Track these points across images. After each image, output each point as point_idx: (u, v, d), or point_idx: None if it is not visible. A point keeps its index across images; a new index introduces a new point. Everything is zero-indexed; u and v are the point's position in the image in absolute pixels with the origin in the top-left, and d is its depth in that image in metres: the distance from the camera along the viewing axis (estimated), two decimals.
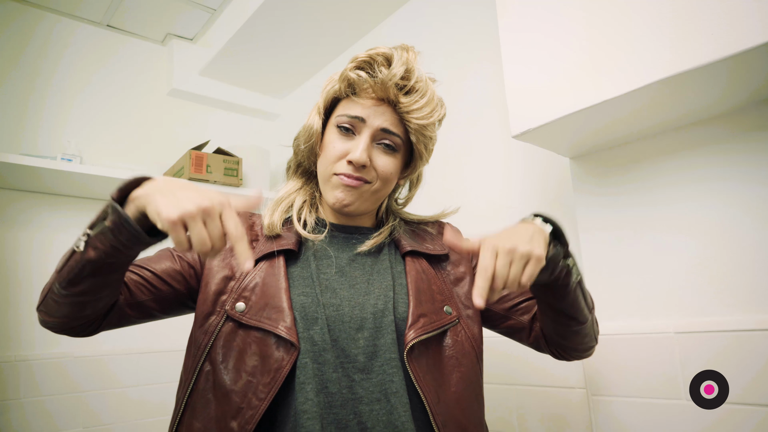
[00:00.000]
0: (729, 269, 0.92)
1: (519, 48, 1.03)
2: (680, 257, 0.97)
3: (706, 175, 0.96)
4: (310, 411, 0.75)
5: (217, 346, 0.80)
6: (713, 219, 0.94)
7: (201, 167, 1.81)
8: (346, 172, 0.85)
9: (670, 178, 1.00)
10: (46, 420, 1.63)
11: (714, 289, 0.93)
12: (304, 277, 0.84)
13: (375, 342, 0.80)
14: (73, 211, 1.84)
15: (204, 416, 0.78)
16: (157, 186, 0.66)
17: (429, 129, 0.88)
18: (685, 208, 0.98)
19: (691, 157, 0.98)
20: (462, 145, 1.53)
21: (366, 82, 0.84)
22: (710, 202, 0.95)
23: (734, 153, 0.93)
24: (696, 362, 0.91)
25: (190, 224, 0.61)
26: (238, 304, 0.81)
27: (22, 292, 1.69)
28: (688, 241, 0.97)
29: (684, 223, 0.97)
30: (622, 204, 1.07)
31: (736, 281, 0.91)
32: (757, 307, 0.88)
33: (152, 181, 0.68)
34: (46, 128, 1.83)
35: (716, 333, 0.90)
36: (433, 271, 0.92)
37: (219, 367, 0.79)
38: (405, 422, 0.76)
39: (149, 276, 0.85)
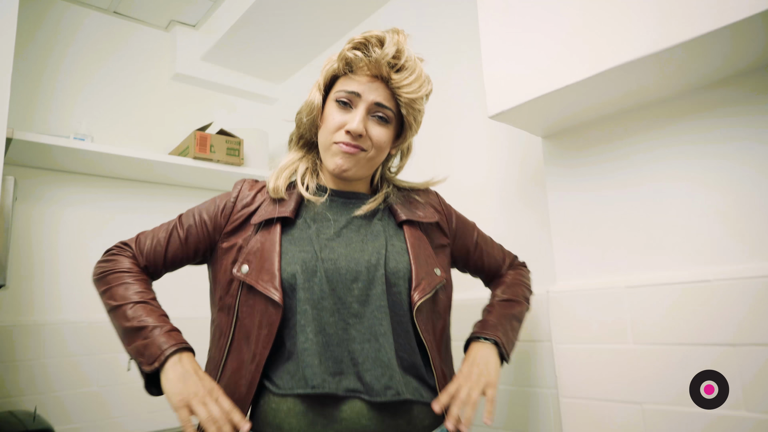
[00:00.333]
0: (673, 231, 1.05)
1: (496, 35, 1.16)
2: (635, 224, 1.11)
3: (664, 152, 1.08)
4: (310, 349, 0.88)
5: (242, 305, 0.95)
6: (664, 191, 1.08)
7: (205, 147, 1.93)
8: (345, 140, 0.97)
9: (634, 154, 1.13)
10: (62, 378, 1.77)
11: (660, 250, 1.07)
12: (304, 238, 0.97)
13: (368, 292, 0.94)
14: (81, 188, 1.95)
15: (237, 358, 0.94)
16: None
17: (417, 103, 1.00)
18: (644, 182, 1.11)
19: (652, 134, 1.11)
20: (442, 125, 1.66)
21: (362, 60, 0.95)
22: (663, 176, 1.08)
23: (687, 132, 1.06)
24: (644, 313, 1.05)
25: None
26: (243, 266, 0.95)
27: (35, 264, 1.81)
28: (642, 211, 1.10)
29: (640, 195, 1.11)
30: (589, 179, 1.21)
31: (680, 242, 1.04)
32: (697, 264, 1.01)
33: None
34: (57, 110, 1.94)
35: (663, 286, 1.04)
36: (425, 238, 1.05)
37: (245, 321, 0.94)
38: (390, 359, 0.90)
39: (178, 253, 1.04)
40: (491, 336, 1.04)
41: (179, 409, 0.84)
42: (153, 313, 0.92)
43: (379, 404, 0.89)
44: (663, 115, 1.09)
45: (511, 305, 1.14)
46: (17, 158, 1.76)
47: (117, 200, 2.02)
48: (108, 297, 0.96)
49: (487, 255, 1.19)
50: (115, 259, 1.00)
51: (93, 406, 1.82)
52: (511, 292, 1.16)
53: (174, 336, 0.90)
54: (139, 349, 0.89)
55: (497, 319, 1.09)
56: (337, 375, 0.89)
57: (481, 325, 1.08)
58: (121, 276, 0.97)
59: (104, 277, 0.98)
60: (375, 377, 0.88)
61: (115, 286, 0.96)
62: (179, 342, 0.89)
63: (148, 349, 0.88)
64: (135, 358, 0.90)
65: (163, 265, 1.03)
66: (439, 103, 1.60)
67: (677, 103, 1.07)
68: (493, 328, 1.06)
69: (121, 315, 0.93)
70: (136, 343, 0.90)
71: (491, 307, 1.13)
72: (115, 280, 0.96)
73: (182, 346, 0.89)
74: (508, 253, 1.24)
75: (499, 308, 1.12)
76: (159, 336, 0.89)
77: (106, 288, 0.96)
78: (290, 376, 0.90)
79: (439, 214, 1.11)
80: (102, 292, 0.98)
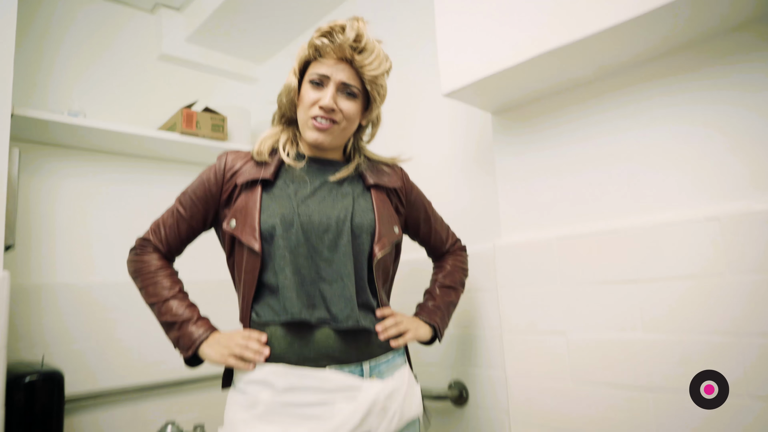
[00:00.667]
0: (594, 191, 1.26)
1: (450, 22, 1.34)
2: (566, 186, 1.32)
3: (600, 119, 1.28)
4: (289, 286, 1.08)
5: (236, 255, 1.16)
6: (589, 159, 1.28)
7: (191, 123, 2.09)
8: (320, 114, 1.15)
9: (571, 125, 1.33)
10: (63, 336, 1.94)
11: (584, 207, 1.28)
12: (284, 196, 1.16)
13: (336, 241, 1.13)
14: (76, 162, 2.09)
15: (246, 297, 1.14)
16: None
17: (379, 79, 1.18)
18: (581, 149, 1.31)
19: (582, 110, 1.31)
20: (405, 103, 1.85)
21: (328, 46, 1.13)
22: (602, 142, 1.28)
23: (611, 109, 1.26)
24: (570, 258, 1.26)
25: None
26: (232, 221, 1.14)
27: (32, 231, 1.96)
28: (569, 177, 1.31)
29: (569, 163, 1.31)
30: (530, 150, 1.41)
31: (600, 199, 1.25)
32: (609, 218, 1.22)
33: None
34: (53, 88, 2.08)
35: (583, 236, 1.25)
36: (388, 200, 1.25)
37: (239, 267, 1.15)
38: (352, 296, 1.11)
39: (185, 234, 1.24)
40: (431, 321, 1.28)
41: (225, 362, 1.09)
42: (181, 305, 1.15)
43: (343, 331, 1.09)
44: (592, 94, 1.30)
45: (449, 293, 1.36)
46: (16, 133, 1.90)
47: (109, 173, 2.16)
48: (144, 294, 1.19)
49: (434, 232, 1.39)
50: (141, 259, 1.21)
51: (85, 362, 1.99)
52: (450, 279, 1.38)
53: (201, 324, 1.13)
54: (175, 339, 1.14)
55: (436, 306, 1.32)
56: (310, 308, 1.09)
57: (423, 309, 1.31)
58: (151, 275, 1.18)
59: (137, 276, 1.20)
60: (340, 309, 1.09)
61: (147, 285, 1.18)
62: (207, 329, 1.13)
63: (182, 340, 1.12)
64: (174, 345, 1.14)
65: (181, 243, 1.23)
66: (402, 83, 1.78)
67: (598, 84, 1.28)
68: (432, 313, 1.30)
69: (156, 310, 1.16)
70: (172, 334, 1.14)
71: (433, 292, 1.36)
72: (146, 279, 1.18)
73: (209, 331, 1.12)
74: (452, 234, 1.45)
75: (440, 295, 1.34)
76: (190, 327, 1.12)
77: (141, 287, 1.20)
78: (272, 310, 1.10)
79: (401, 183, 1.30)
80: (139, 289, 1.20)
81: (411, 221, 1.35)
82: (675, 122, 1.15)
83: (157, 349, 2.11)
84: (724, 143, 1.07)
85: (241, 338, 1.09)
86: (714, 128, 1.09)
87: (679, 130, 1.14)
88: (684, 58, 1.14)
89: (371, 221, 1.17)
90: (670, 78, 1.16)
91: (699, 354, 1.05)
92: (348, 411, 1.04)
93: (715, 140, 1.09)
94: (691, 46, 1.13)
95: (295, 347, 1.07)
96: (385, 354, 1.15)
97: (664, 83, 1.17)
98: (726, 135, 1.07)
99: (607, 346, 1.18)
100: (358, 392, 1.07)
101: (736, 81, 1.07)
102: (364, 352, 1.11)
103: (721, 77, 1.09)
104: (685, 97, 1.13)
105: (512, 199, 1.43)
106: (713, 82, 1.10)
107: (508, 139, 1.45)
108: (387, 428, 1.08)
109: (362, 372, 1.10)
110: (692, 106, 1.12)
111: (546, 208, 1.36)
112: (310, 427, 1.03)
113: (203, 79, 2.54)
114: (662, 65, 1.17)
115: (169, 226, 1.21)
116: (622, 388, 1.15)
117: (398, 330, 1.17)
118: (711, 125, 1.09)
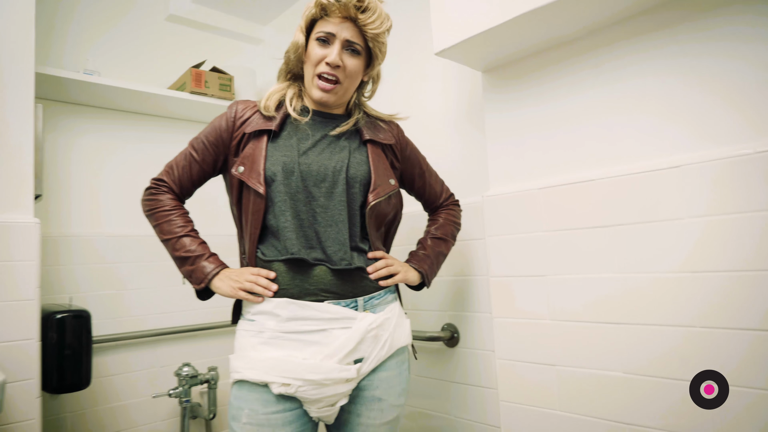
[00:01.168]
0: (573, 145, 1.36)
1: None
2: (550, 139, 1.41)
3: (579, 78, 1.37)
4: (289, 227, 1.20)
5: (243, 198, 1.26)
6: (580, 109, 1.37)
7: (200, 83, 2.18)
8: (326, 71, 1.24)
9: (554, 83, 1.41)
10: (86, 283, 2.10)
11: (564, 161, 1.37)
12: (287, 146, 1.26)
13: (332, 189, 1.24)
14: (91, 119, 2.21)
15: (244, 238, 1.27)
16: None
17: (381, 36, 1.28)
18: (562, 105, 1.40)
19: (570, 65, 1.38)
20: (402, 62, 1.93)
21: (334, 5, 1.22)
22: (581, 98, 1.37)
23: (592, 67, 1.34)
24: (551, 206, 1.37)
25: None
26: (239, 167, 1.25)
27: (54, 187, 2.09)
28: (553, 129, 1.40)
29: (560, 116, 1.40)
30: (519, 106, 1.49)
31: (575, 152, 1.35)
32: (582, 169, 1.32)
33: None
34: (69, 47, 2.17)
35: (562, 185, 1.35)
36: (384, 155, 1.36)
37: (245, 210, 1.26)
38: (345, 239, 1.23)
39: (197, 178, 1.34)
40: (419, 268, 1.38)
41: (236, 295, 1.20)
42: (194, 242, 1.26)
43: (337, 270, 1.22)
44: (573, 52, 1.37)
45: (439, 243, 1.46)
46: (36, 90, 2.01)
47: (122, 131, 2.28)
48: (158, 231, 1.29)
49: (429, 186, 1.50)
50: (156, 198, 1.31)
51: (109, 305, 2.16)
52: (442, 231, 1.48)
53: (213, 260, 1.25)
54: (188, 273, 1.25)
55: (426, 255, 1.42)
56: (308, 248, 1.21)
57: (414, 256, 1.42)
58: (165, 214, 1.29)
59: (152, 214, 1.30)
60: (334, 251, 1.21)
61: (162, 223, 1.28)
62: (218, 264, 1.25)
63: (195, 274, 1.23)
64: (186, 278, 1.26)
65: (191, 185, 1.34)
66: (398, 43, 1.86)
67: (580, 42, 1.36)
68: (422, 261, 1.41)
69: (171, 246, 1.27)
70: (185, 268, 1.25)
71: (424, 243, 1.46)
72: (161, 217, 1.29)
73: (220, 267, 1.24)
74: (447, 189, 1.55)
75: (431, 245, 1.45)
76: (202, 262, 1.23)
77: (155, 224, 1.30)
78: (275, 248, 1.22)
79: (395, 140, 1.40)
80: (153, 226, 1.31)
81: (406, 176, 1.46)
82: (647, 76, 1.23)
83: (171, 298, 2.27)
84: (690, 94, 1.16)
85: (251, 274, 1.21)
86: (681, 80, 1.18)
87: (651, 83, 1.22)
88: (649, 20, 1.21)
89: (365, 173, 1.28)
90: (641, 37, 1.24)
91: (667, 291, 1.16)
92: (344, 338, 1.18)
93: (684, 92, 1.17)
94: (664, 6, 1.20)
95: (297, 282, 1.20)
96: (378, 291, 1.28)
97: (636, 41, 1.24)
98: (691, 86, 1.16)
99: (583, 286, 1.30)
100: (352, 322, 1.20)
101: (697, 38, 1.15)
102: (358, 288, 1.24)
103: (677, 36, 1.17)
104: (659, 53, 1.21)
105: (500, 153, 1.53)
106: (678, 38, 1.18)
107: (496, 96, 1.54)
108: (378, 354, 1.22)
109: (357, 306, 1.23)
110: (663, 60, 1.20)
111: (530, 161, 1.46)
112: (311, 351, 1.17)
113: (210, 40, 2.62)
114: (636, 24, 1.25)
115: (182, 167, 1.32)
116: (593, 322, 1.28)
117: (388, 271, 1.29)
118: (673, 78, 1.18)
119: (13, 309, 1.52)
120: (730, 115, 1.11)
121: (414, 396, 1.84)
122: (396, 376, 1.26)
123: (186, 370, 2.16)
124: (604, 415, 1.24)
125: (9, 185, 1.56)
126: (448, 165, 1.71)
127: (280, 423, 1.15)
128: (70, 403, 2.02)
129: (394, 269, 1.31)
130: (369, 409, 1.23)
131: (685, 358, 1.12)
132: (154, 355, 2.25)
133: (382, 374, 1.24)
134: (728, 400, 1.05)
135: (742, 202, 1.06)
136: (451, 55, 1.46)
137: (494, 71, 1.55)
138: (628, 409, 1.20)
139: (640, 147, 1.23)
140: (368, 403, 1.23)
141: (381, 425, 1.24)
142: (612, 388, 1.23)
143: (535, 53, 1.44)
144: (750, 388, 1.03)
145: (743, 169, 1.06)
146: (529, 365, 1.40)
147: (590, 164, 1.33)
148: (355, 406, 1.23)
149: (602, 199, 1.27)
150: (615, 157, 1.28)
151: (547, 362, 1.36)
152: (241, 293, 1.20)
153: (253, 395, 1.16)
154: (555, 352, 1.35)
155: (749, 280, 1.04)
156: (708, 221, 1.10)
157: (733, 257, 1.06)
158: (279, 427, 1.15)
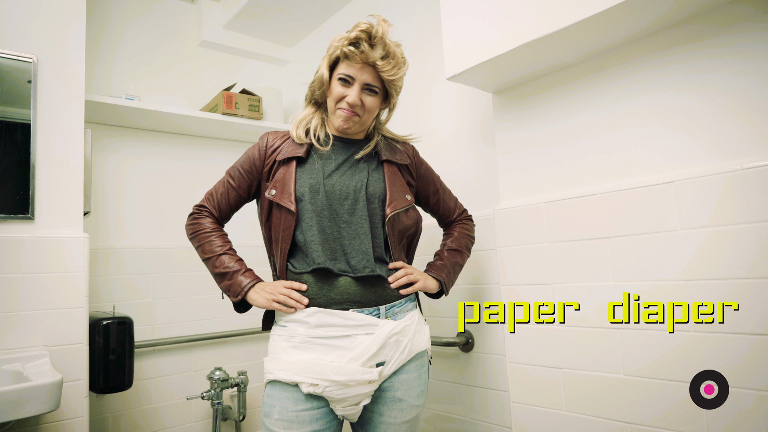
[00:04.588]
0: (580, 159, 1.46)
1: (454, 16, 1.53)
2: (556, 157, 1.52)
3: (583, 97, 1.46)
4: (315, 241, 1.33)
5: (273, 218, 1.39)
6: (581, 135, 1.47)
7: (231, 104, 2.34)
8: (346, 107, 1.37)
9: (559, 102, 1.51)
10: (127, 292, 2.26)
11: (569, 176, 1.47)
12: (313, 170, 1.40)
13: (354, 206, 1.37)
14: (129, 140, 2.38)
15: (275, 254, 1.40)
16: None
17: (398, 80, 1.40)
18: (567, 124, 1.50)
19: (575, 86, 1.49)
20: (420, 86, 2.05)
21: (355, 53, 1.34)
22: (584, 117, 1.47)
23: (596, 86, 1.44)
24: (555, 219, 1.47)
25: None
26: (272, 190, 1.38)
27: (102, 202, 2.26)
28: (558, 147, 1.50)
29: (564, 133, 1.51)
30: (527, 124, 1.60)
31: (580, 167, 1.45)
32: (584, 184, 1.42)
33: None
34: (113, 75, 2.35)
35: (565, 200, 1.45)
36: (400, 173, 1.48)
37: (275, 228, 1.39)
38: (368, 250, 1.35)
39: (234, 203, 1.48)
40: (438, 277, 1.49)
41: (270, 306, 1.32)
42: (232, 259, 1.39)
43: (361, 278, 1.34)
44: (577, 75, 1.48)
45: (455, 255, 1.57)
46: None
47: (158, 149, 2.45)
48: (200, 251, 1.43)
49: (443, 203, 1.61)
50: (198, 222, 1.46)
51: (146, 313, 2.31)
52: (457, 244, 1.59)
53: (248, 275, 1.37)
54: (227, 288, 1.37)
55: (443, 264, 1.53)
56: (333, 260, 1.33)
57: (432, 266, 1.53)
58: (206, 235, 1.43)
59: (195, 236, 1.45)
60: (358, 261, 1.33)
61: (203, 244, 1.43)
62: (253, 278, 1.37)
63: (233, 287, 1.36)
64: (225, 292, 1.39)
65: (229, 209, 1.48)
66: (416, 68, 1.99)
67: (584, 65, 1.46)
68: (440, 270, 1.51)
69: (211, 264, 1.40)
70: (224, 283, 1.38)
71: (441, 254, 1.57)
72: (203, 239, 1.43)
73: (255, 281, 1.36)
74: (460, 205, 1.66)
75: (447, 256, 1.56)
76: (239, 277, 1.37)
77: (198, 245, 1.44)
78: (303, 261, 1.35)
79: (410, 160, 1.52)
80: (195, 247, 1.45)
81: (422, 193, 1.58)
82: (646, 94, 1.33)
83: (202, 306, 2.42)
84: (686, 112, 1.26)
85: (284, 287, 1.33)
86: (685, 95, 1.27)
87: (651, 100, 1.32)
88: (648, 42, 1.31)
89: (382, 190, 1.41)
90: (637, 58, 1.34)
91: (664, 298, 1.26)
92: (367, 343, 1.29)
93: (680, 112, 1.27)
94: (655, 34, 1.30)
95: (324, 292, 1.33)
96: (398, 300, 1.39)
97: (632, 63, 1.35)
98: (686, 107, 1.26)
99: (584, 293, 1.40)
100: (375, 328, 1.32)
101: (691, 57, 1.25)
102: (380, 297, 1.36)
103: (669, 57, 1.26)
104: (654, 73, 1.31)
105: (509, 168, 1.64)
106: (672, 58, 1.27)
107: (506, 115, 1.65)
108: (399, 357, 1.33)
109: (379, 313, 1.35)
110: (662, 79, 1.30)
111: (537, 176, 1.56)
112: (337, 354, 1.29)
113: (239, 62, 2.79)
114: (631, 48, 1.35)
115: (220, 194, 1.47)
116: (596, 327, 1.37)
117: (408, 280, 1.41)
118: (669, 101, 1.28)
119: (66, 316, 1.68)
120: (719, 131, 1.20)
121: (431, 399, 1.94)
122: (415, 378, 1.38)
123: (218, 373, 2.30)
124: (607, 415, 1.33)
125: (64, 204, 1.73)
126: (463, 180, 1.82)
127: (308, 420, 1.27)
128: (113, 404, 2.17)
129: (413, 278, 1.42)
130: (390, 408, 1.34)
131: (684, 360, 1.20)
132: (187, 360, 2.39)
133: (403, 376, 1.35)
134: (728, 400, 1.12)
135: (745, 213, 1.13)
136: (462, 79, 1.57)
137: (504, 92, 1.66)
138: (629, 409, 1.29)
139: (640, 162, 1.33)
140: (390, 403, 1.34)
141: (401, 424, 1.35)
142: (614, 389, 1.32)
143: (541, 75, 1.55)
144: (750, 389, 1.10)
145: (747, 181, 1.13)
146: (538, 368, 1.50)
147: (591, 179, 1.43)
148: (377, 406, 1.35)
149: (602, 212, 1.37)
150: (616, 171, 1.38)
151: (554, 365, 1.46)
152: (275, 304, 1.33)
153: (285, 394, 1.29)
154: (561, 355, 1.44)
155: (749, 287, 1.12)
156: (709, 232, 1.18)
157: (735, 265, 1.14)
158: (307, 423, 1.27)
